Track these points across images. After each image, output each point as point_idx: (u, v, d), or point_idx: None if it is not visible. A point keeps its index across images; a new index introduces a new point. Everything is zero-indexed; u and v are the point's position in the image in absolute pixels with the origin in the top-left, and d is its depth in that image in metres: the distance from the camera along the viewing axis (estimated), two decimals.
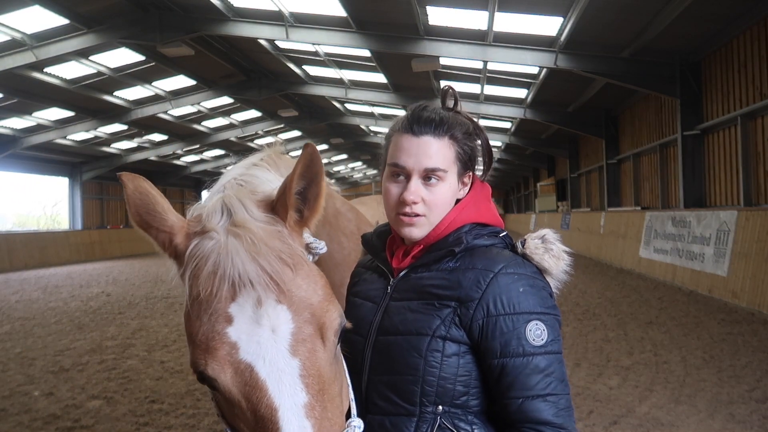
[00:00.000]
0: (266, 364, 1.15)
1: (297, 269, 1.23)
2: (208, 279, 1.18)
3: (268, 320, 1.17)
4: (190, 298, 1.20)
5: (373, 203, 3.54)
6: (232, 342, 1.15)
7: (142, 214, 1.28)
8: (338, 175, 49.55)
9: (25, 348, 7.50)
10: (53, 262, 21.87)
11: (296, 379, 1.16)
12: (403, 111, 23.20)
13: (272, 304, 1.18)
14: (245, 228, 1.22)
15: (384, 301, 1.47)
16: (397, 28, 12.75)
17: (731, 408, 4.60)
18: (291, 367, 1.16)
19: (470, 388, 1.35)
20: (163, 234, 1.28)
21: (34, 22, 12.34)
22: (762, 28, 10.40)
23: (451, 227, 1.45)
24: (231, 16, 12.95)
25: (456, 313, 1.34)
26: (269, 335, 1.16)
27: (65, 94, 17.09)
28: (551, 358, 1.30)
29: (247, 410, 1.14)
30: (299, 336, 1.19)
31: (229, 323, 1.16)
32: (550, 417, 1.26)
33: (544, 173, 31.82)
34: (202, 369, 1.15)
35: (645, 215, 13.91)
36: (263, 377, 1.14)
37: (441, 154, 1.41)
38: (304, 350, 1.18)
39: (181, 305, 10.41)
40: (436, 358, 1.33)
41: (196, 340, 1.17)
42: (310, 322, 1.21)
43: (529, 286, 1.35)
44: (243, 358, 1.15)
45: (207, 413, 4.85)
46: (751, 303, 8.46)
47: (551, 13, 11.21)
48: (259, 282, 1.17)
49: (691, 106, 12.78)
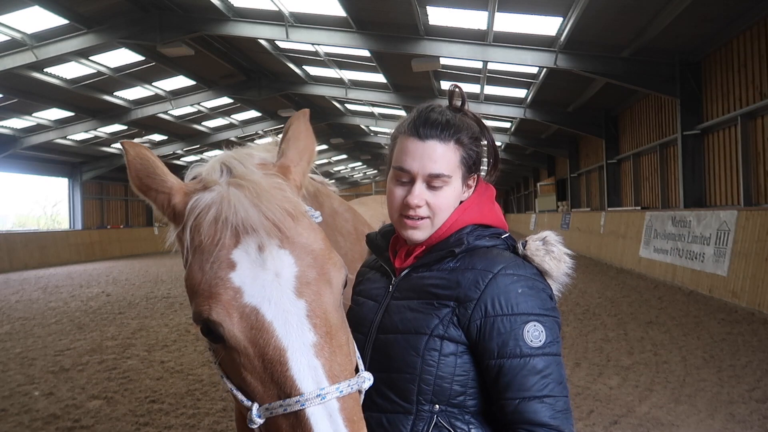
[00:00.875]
0: (272, 306, 1.13)
1: (298, 219, 1.24)
2: (210, 227, 1.19)
3: (271, 264, 1.16)
4: (191, 249, 1.20)
5: (373, 203, 3.54)
6: (236, 287, 1.14)
7: (142, 177, 1.30)
8: (338, 175, 49.53)
9: (25, 348, 7.50)
10: (53, 262, 21.87)
11: (303, 320, 1.14)
12: (403, 111, 23.24)
13: (275, 249, 1.18)
14: (246, 179, 1.24)
15: (385, 300, 1.47)
16: (397, 28, 12.75)
17: (731, 408, 4.59)
18: (297, 308, 1.15)
19: (467, 388, 1.35)
20: (163, 195, 1.30)
21: (34, 22, 12.35)
22: (762, 28, 10.40)
23: (453, 228, 1.45)
24: (231, 16, 12.95)
25: (455, 312, 1.34)
26: (273, 278, 1.16)
27: (65, 94, 17.09)
28: (549, 360, 1.30)
29: (254, 356, 1.12)
30: (303, 279, 1.18)
31: (232, 269, 1.15)
32: (547, 419, 1.26)
33: (544, 173, 31.83)
34: (206, 316, 1.13)
35: (645, 215, 13.91)
36: (269, 319, 1.12)
37: (446, 159, 1.41)
38: (310, 292, 1.18)
39: (181, 305, 10.44)
40: (434, 357, 1.33)
41: (199, 289, 1.16)
42: (313, 267, 1.20)
43: (528, 287, 1.34)
44: (248, 302, 1.13)
45: (207, 413, 4.85)
46: (751, 303, 8.46)
47: (551, 13, 11.21)
48: (261, 228, 1.17)
49: (691, 105, 12.79)
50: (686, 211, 11.65)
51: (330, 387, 1.10)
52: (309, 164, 1.45)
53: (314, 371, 1.11)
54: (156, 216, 1.35)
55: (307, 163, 1.44)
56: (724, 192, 12.12)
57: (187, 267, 1.21)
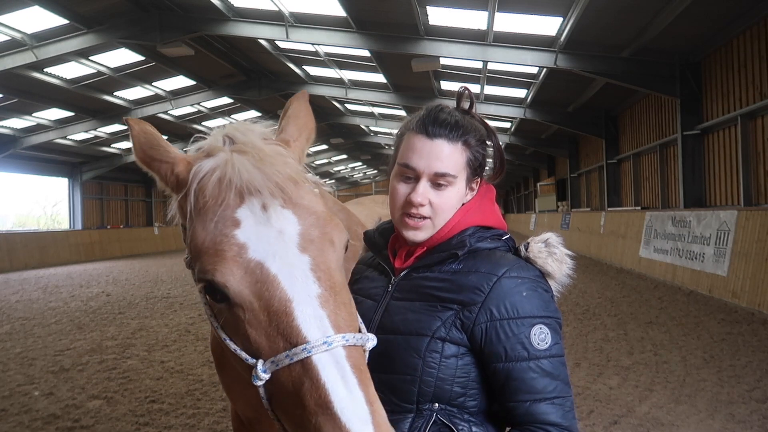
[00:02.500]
0: (277, 260, 1.15)
1: (299, 184, 1.28)
2: (214, 188, 1.22)
3: (276, 222, 1.19)
4: (195, 211, 1.23)
5: (370, 203, 3.54)
6: (241, 243, 1.16)
7: (146, 149, 1.33)
8: (338, 175, 49.54)
9: (25, 348, 7.49)
10: (53, 262, 21.86)
11: (308, 273, 1.16)
12: (403, 111, 23.19)
13: (278, 208, 1.21)
14: (250, 145, 1.27)
15: (384, 299, 1.47)
16: (397, 28, 12.75)
17: (731, 408, 4.59)
18: (302, 261, 1.17)
19: (468, 390, 1.35)
20: (166, 164, 1.32)
21: (34, 22, 12.35)
22: (762, 28, 10.40)
23: (454, 230, 1.45)
24: (231, 16, 12.96)
25: (458, 316, 1.34)
26: (278, 235, 1.18)
27: (65, 94, 17.09)
28: (555, 362, 1.31)
29: (259, 310, 1.13)
30: (307, 236, 1.21)
31: (236, 226, 1.17)
32: (559, 419, 1.27)
33: (544, 173, 31.83)
34: (210, 276, 1.14)
35: (645, 215, 13.90)
36: (275, 272, 1.14)
37: (453, 159, 1.41)
38: (313, 249, 1.20)
39: (181, 305, 10.45)
40: (435, 359, 1.33)
41: (203, 248, 1.17)
42: (316, 227, 1.23)
43: (532, 290, 1.35)
44: (253, 257, 1.15)
45: (207, 413, 4.85)
46: (751, 303, 8.46)
47: (551, 13, 11.21)
48: (264, 189, 1.20)
49: (691, 106, 12.79)
50: (686, 211, 11.65)
51: (335, 335, 1.10)
52: (308, 141, 1.49)
53: (320, 320, 1.12)
54: (159, 187, 1.38)
55: (306, 140, 1.48)
56: (724, 192, 12.12)
57: (190, 230, 1.23)
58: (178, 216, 1.36)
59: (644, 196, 17.02)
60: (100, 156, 26.23)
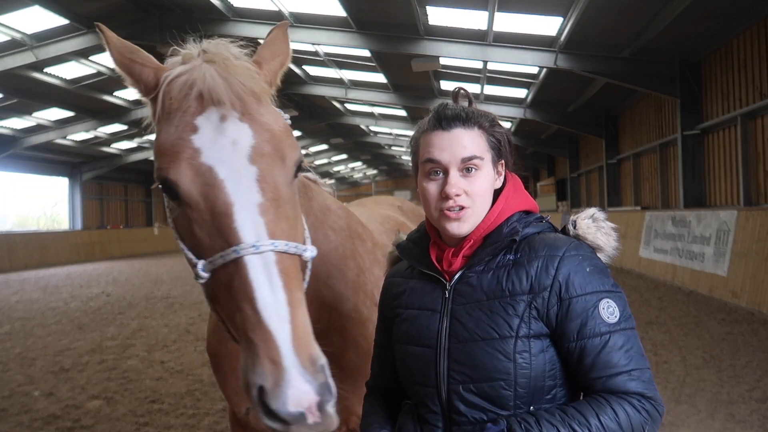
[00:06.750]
0: (225, 167, 1.23)
1: (261, 101, 1.34)
2: (179, 92, 1.29)
3: (231, 132, 1.26)
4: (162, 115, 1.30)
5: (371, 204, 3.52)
6: (195, 147, 1.24)
7: (124, 53, 1.40)
8: (338, 175, 49.53)
9: (25, 348, 7.49)
10: (53, 262, 21.86)
11: (253, 183, 1.23)
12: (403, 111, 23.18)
13: (235, 120, 1.27)
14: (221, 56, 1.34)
15: (446, 307, 1.41)
16: (397, 28, 12.75)
17: (731, 408, 4.59)
18: (249, 171, 1.24)
19: (557, 379, 1.34)
20: (148, 69, 1.39)
21: (34, 22, 12.35)
22: (762, 28, 10.40)
23: (500, 218, 1.43)
24: (231, 16, 12.96)
25: (531, 305, 1.32)
26: (230, 144, 1.25)
27: (65, 94, 17.08)
28: (628, 334, 1.30)
29: (204, 210, 1.21)
30: (258, 150, 1.27)
31: (194, 132, 1.25)
32: (642, 389, 1.26)
33: (544, 173, 31.83)
34: (165, 174, 1.23)
35: (645, 215, 13.91)
36: (222, 177, 1.22)
37: (474, 143, 1.40)
38: (263, 162, 1.26)
39: (181, 305, 10.45)
40: (526, 359, 1.31)
41: (163, 149, 1.26)
42: (269, 142, 1.29)
43: (593, 265, 1.36)
44: (204, 161, 1.23)
45: (207, 413, 4.85)
46: (751, 303, 8.46)
47: (551, 13, 11.21)
48: (226, 98, 1.27)
49: (690, 105, 12.78)
50: (686, 211, 11.65)
51: (267, 240, 1.18)
52: (281, 67, 1.54)
53: (256, 227, 1.19)
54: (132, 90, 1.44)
55: (279, 65, 1.53)
56: (724, 192, 12.12)
57: (156, 133, 1.31)
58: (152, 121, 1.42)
59: (644, 196, 17.02)
60: (100, 156, 26.22)
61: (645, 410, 1.24)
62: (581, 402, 1.29)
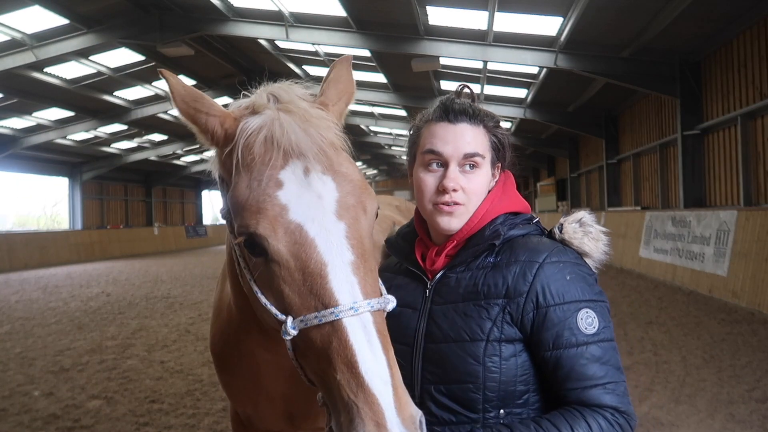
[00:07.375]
0: (315, 225, 1.21)
1: (339, 151, 1.33)
2: (261, 147, 1.27)
3: (316, 187, 1.25)
4: (242, 167, 1.27)
5: None
6: (283, 204, 1.22)
7: (189, 101, 1.37)
8: None
9: (25, 348, 7.49)
10: (53, 262, 21.85)
11: (343, 240, 1.22)
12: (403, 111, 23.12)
13: (319, 173, 1.26)
14: (295, 105, 1.33)
15: (425, 306, 1.41)
16: (397, 28, 12.75)
17: (731, 408, 4.59)
18: (338, 228, 1.23)
19: (530, 385, 1.32)
20: (214, 118, 1.37)
21: (34, 22, 12.35)
22: (762, 28, 10.40)
23: (484, 220, 1.41)
24: (231, 16, 12.96)
25: (506, 310, 1.31)
26: (317, 199, 1.24)
27: (65, 94, 17.09)
28: (605, 346, 1.28)
29: (295, 270, 1.19)
30: (343, 204, 1.26)
31: (279, 187, 1.23)
32: (616, 403, 1.24)
33: (544, 173, 31.83)
34: (253, 230, 1.20)
35: (645, 215, 13.91)
36: (312, 236, 1.20)
37: (478, 141, 1.40)
38: (348, 216, 1.26)
39: (181, 305, 10.45)
40: (495, 363, 1.30)
41: (246, 205, 1.23)
42: (352, 194, 1.28)
43: (575, 273, 1.33)
44: (293, 219, 1.21)
45: (207, 413, 4.85)
46: (751, 303, 8.46)
47: (551, 13, 11.21)
48: (309, 152, 1.26)
49: (691, 106, 12.78)
50: (686, 211, 11.65)
51: (363, 301, 1.17)
52: (346, 106, 1.54)
53: (351, 286, 1.18)
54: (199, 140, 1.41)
55: (345, 105, 1.54)
56: (724, 192, 12.12)
57: (233, 185, 1.28)
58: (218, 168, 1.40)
59: (644, 196, 17.02)
60: (100, 156, 26.22)
61: (618, 424, 1.23)
62: (555, 414, 1.26)
